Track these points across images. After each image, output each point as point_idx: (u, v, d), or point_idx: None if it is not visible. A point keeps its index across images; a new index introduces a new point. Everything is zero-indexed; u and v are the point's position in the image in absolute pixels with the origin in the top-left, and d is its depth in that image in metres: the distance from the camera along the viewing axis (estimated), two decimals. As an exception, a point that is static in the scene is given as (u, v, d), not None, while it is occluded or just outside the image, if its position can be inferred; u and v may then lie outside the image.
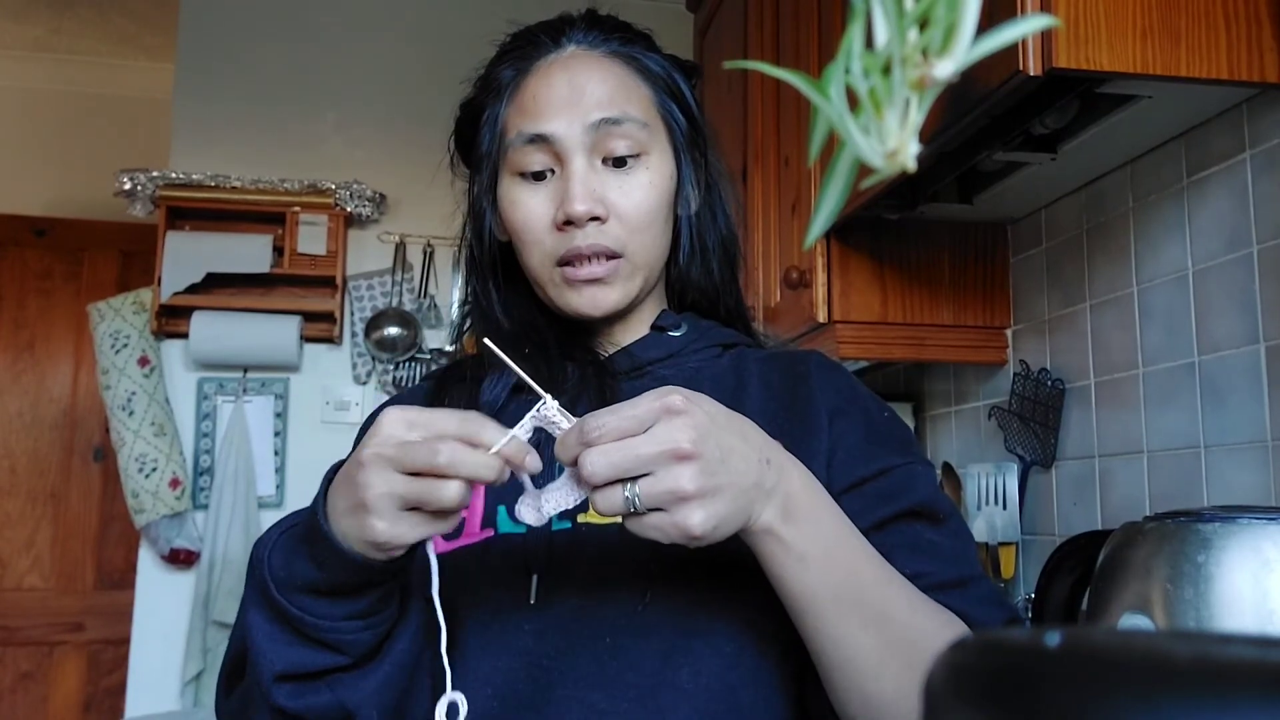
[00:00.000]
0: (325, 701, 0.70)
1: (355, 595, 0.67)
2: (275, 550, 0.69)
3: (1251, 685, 0.26)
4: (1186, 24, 1.15)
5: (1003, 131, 1.38)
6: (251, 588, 0.71)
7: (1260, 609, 0.84)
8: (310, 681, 0.70)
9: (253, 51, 3.08)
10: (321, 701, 0.70)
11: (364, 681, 0.71)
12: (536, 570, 0.77)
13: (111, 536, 3.74)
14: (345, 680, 0.71)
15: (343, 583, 0.66)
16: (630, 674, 0.74)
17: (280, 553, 0.69)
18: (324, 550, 0.65)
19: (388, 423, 0.63)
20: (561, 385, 0.83)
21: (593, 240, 0.82)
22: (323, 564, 0.66)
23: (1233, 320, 1.30)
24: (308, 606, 0.67)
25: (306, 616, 0.67)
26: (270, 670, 0.69)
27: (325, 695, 0.70)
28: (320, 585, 0.67)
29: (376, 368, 3.02)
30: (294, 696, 0.70)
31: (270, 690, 0.69)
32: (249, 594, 0.71)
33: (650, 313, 0.91)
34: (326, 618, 0.68)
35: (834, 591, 0.68)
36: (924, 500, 0.80)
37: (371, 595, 0.68)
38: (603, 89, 0.84)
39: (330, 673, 0.70)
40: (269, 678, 0.69)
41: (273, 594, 0.68)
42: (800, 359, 0.90)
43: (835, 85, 0.32)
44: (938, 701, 0.31)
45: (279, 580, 0.68)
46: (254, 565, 0.71)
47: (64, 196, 3.90)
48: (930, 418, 2.12)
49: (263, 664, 0.69)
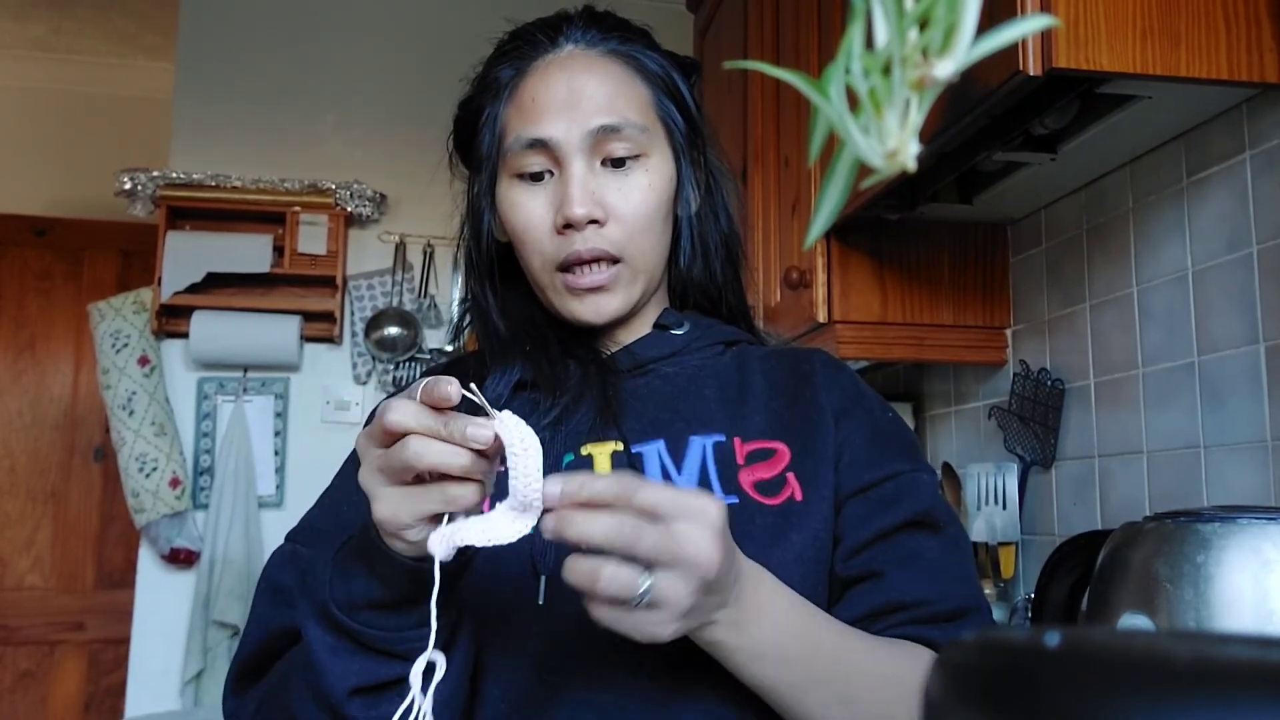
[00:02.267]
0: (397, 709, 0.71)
1: (419, 605, 0.67)
2: (334, 572, 0.69)
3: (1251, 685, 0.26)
4: (1186, 24, 1.15)
5: (1003, 131, 1.38)
6: (306, 607, 0.70)
7: (1260, 609, 0.84)
8: (383, 692, 0.70)
9: (253, 51, 3.08)
10: (395, 710, 0.70)
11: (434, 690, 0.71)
12: (544, 571, 0.77)
13: (112, 536, 3.74)
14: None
15: (405, 594, 0.66)
16: (640, 676, 0.74)
17: (338, 574, 0.68)
18: (383, 565, 0.65)
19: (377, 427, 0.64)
20: (564, 383, 0.83)
21: (592, 244, 0.82)
22: (383, 579, 0.66)
23: (1233, 320, 1.30)
24: (373, 621, 0.67)
25: (374, 632, 0.67)
26: (343, 686, 0.68)
27: (398, 704, 0.70)
28: (385, 600, 0.66)
29: (376, 368, 3.02)
30: (368, 708, 0.69)
31: (344, 705, 0.69)
32: (305, 612, 0.70)
33: (652, 312, 0.91)
34: (393, 629, 0.67)
35: (790, 679, 0.68)
36: (926, 509, 0.81)
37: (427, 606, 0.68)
38: (601, 91, 0.83)
39: (402, 681, 0.70)
40: (342, 693, 0.68)
41: (334, 614, 0.67)
42: (804, 357, 0.90)
43: (835, 85, 0.32)
44: (938, 702, 0.31)
45: (340, 601, 0.68)
46: (308, 588, 0.70)
47: (64, 196, 3.90)
48: (930, 418, 2.12)
49: (333, 680, 0.68)
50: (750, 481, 0.80)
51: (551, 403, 0.82)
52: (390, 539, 0.64)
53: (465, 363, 0.92)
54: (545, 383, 0.84)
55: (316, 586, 0.69)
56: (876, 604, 0.77)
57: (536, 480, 0.61)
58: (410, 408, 0.61)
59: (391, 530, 0.63)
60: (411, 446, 0.60)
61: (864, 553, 0.79)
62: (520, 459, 0.61)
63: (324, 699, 0.69)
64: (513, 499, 0.62)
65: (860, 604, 0.77)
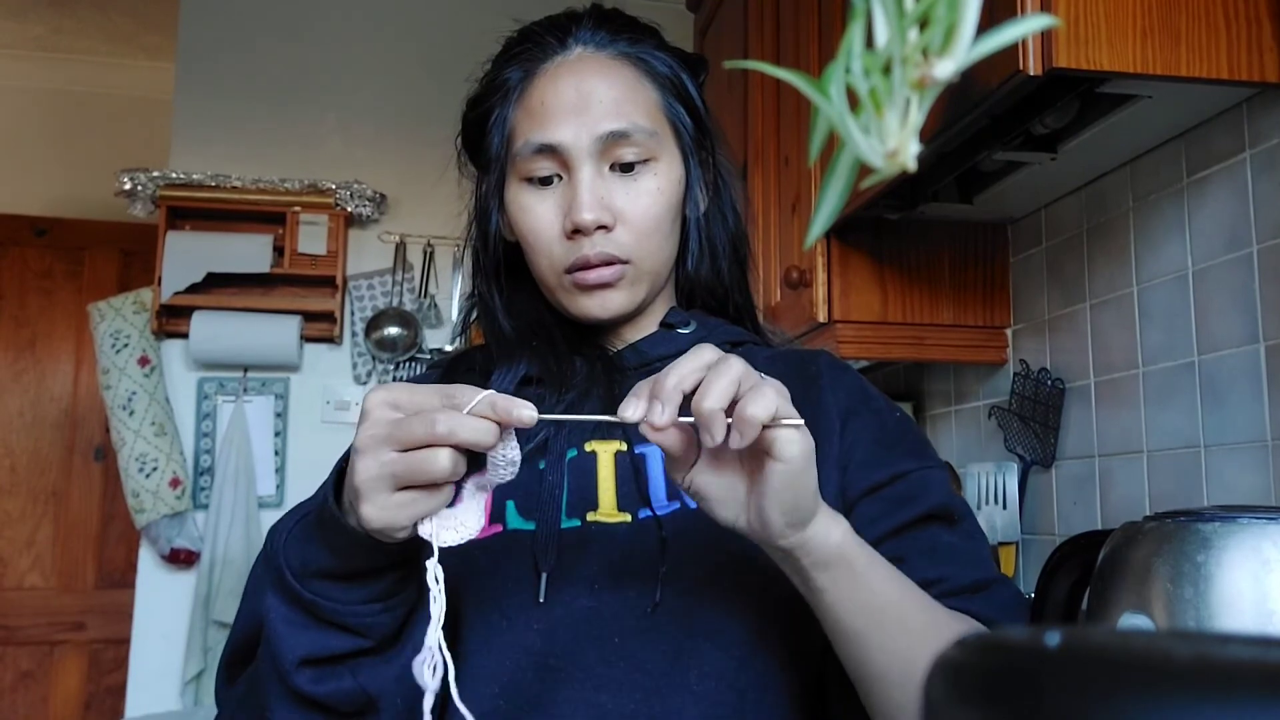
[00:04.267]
0: (348, 687, 0.70)
1: (372, 579, 0.67)
2: (290, 539, 0.69)
3: (1251, 685, 0.26)
4: (1186, 24, 1.15)
5: (1003, 131, 1.38)
6: (268, 574, 0.71)
7: (1260, 609, 0.84)
8: (332, 666, 0.70)
9: (253, 51, 3.08)
10: (344, 687, 0.70)
11: (386, 667, 0.71)
12: (545, 569, 0.77)
13: (112, 536, 3.74)
14: (367, 665, 0.71)
15: (358, 567, 0.66)
16: (638, 675, 0.74)
17: (295, 541, 0.69)
18: (337, 535, 0.65)
19: (373, 406, 0.63)
20: (570, 380, 0.83)
21: (600, 248, 0.82)
22: (337, 549, 0.66)
23: (1232, 320, 1.30)
24: (325, 591, 0.67)
25: (325, 602, 0.67)
26: (292, 655, 0.68)
27: (348, 680, 0.70)
28: (336, 570, 0.67)
29: (377, 368, 3.02)
30: (316, 681, 0.69)
31: (292, 675, 0.69)
32: (266, 579, 0.71)
33: (659, 311, 0.91)
34: (345, 602, 0.68)
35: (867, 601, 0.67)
36: (940, 504, 0.81)
37: (389, 578, 0.68)
38: (610, 96, 0.83)
39: (352, 656, 0.70)
40: (291, 663, 0.68)
41: (289, 581, 0.68)
42: (810, 359, 0.90)
43: (835, 85, 0.32)
44: (938, 701, 0.31)
45: (294, 568, 0.68)
46: (269, 554, 0.71)
47: (64, 196, 3.90)
48: (930, 417, 2.12)
49: (284, 649, 0.69)
50: None
51: (557, 399, 0.82)
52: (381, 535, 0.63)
53: (471, 357, 0.92)
54: (551, 378, 0.84)
55: (274, 554, 0.69)
56: None
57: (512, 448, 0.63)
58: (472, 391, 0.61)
59: (385, 535, 0.63)
60: (442, 422, 0.59)
61: (881, 547, 0.79)
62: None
63: (277, 669, 0.69)
64: (491, 470, 0.62)
65: None
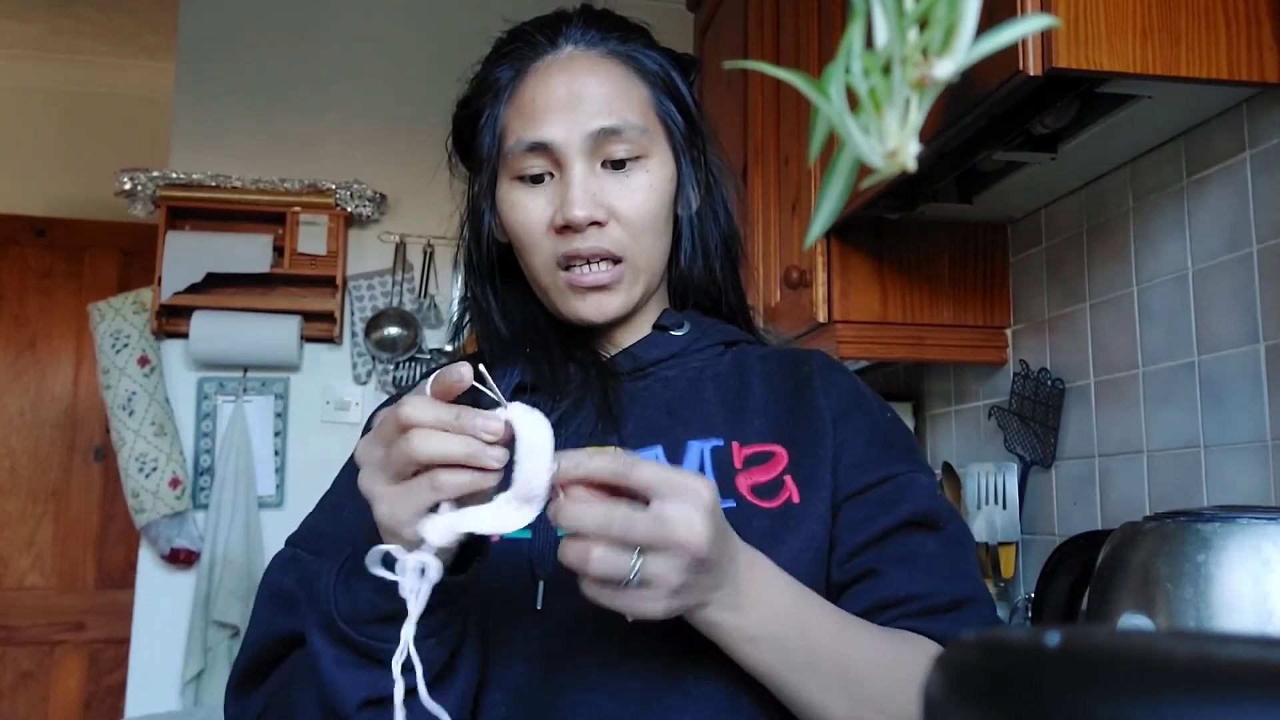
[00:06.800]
0: None
1: (426, 615, 0.67)
2: (339, 586, 0.68)
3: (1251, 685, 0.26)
4: (1186, 24, 1.15)
5: (1003, 131, 1.38)
6: (311, 615, 0.70)
7: (1260, 609, 0.84)
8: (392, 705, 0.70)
9: (253, 51, 3.08)
10: None
11: (444, 697, 0.71)
12: (542, 576, 0.77)
13: (112, 536, 3.74)
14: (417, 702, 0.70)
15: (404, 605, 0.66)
16: (636, 679, 0.74)
17: (342, 588, 0.68)
18: (390, 580, 0.65)
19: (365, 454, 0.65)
20: (564, 387, 0.83)
21: (593, 244, 0.82)
22: (387, 591, 0.65)
23: (1233, 320, 1.30)
24: (380, 634, 0.67)
25: (382, 645, 0.67)
26: (353, 699, 0.68)
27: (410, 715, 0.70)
28: (391, 613, 0.66)
29: (376, 368, 3.02)
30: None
31: (354, 718, 0.69)
32: (310, 621, 0.70)
33: (652, 312, 0.91)
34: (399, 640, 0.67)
35: (788, 662, 0.69)
36: (925, 509, 0.81)
37: (442, 612, 0.68)
38: (601, 93, 0.83)
39: (413, 692, 0.70)
40: (352, 705, 0.68)
41: (341, 629, 0.67)
42: (803, 358, 0.89)
43: (835, 85, 0.32)
44: (939, 701, 0.31)
45: (346, 615, 0.67)
46: (311, 597, 0.70)
47: (64, 196, 3.90)
48: (930, 417, 2.12)
49: (342, 693, 0.68)
50: (747, 485, 0.80)
51: (552, 406, 0.82)
52: (391, 537, 0.63)
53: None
54: (546, 386, 0.84)
55: (321, 599, 0.69)
56: (872, 601, 0.77)
57: (543, 471, 0.61)
58: (422, 402, 0.62)
59: (391, 528, 0.63)
60: (413, 439, 0.60)
61: (861, 555, 0.79)
62: (527, 448, 0.61)
63: (333, 711, 0.69)
64: (516, 489, 0.62)
65: (857, 602, 0.77)
